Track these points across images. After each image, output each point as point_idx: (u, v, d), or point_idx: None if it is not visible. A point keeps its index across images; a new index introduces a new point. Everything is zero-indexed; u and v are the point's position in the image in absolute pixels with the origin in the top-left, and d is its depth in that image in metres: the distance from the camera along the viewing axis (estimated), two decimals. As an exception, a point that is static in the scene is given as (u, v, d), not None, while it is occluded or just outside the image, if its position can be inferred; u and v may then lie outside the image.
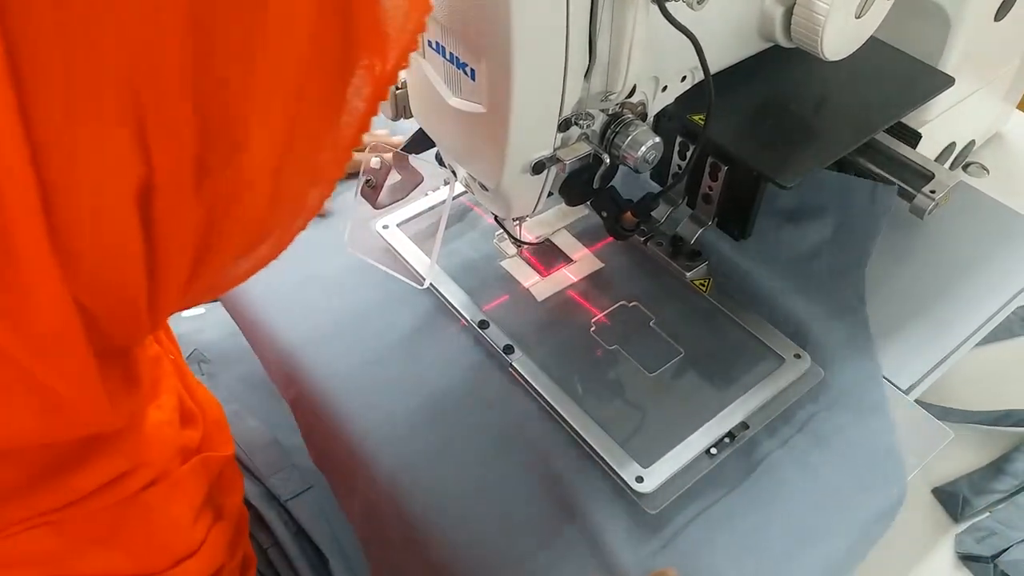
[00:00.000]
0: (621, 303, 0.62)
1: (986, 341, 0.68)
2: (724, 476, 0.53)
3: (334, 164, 0.31)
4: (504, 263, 0.65)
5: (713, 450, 0.53)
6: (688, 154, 0.62)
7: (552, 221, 0.67)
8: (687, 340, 0.60)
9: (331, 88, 0.29)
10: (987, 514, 0.64)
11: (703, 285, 0.63)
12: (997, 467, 0.67)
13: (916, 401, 0.58)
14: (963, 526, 0.63)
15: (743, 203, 0.61)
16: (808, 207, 0.65)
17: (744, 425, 0.54)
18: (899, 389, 0.58)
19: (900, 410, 0.57)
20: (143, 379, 0.36)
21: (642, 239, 0.66)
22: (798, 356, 0.58)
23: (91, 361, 0.28)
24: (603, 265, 0.65)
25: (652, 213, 0.64)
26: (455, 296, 0.62)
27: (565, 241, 0.67)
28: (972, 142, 0.84)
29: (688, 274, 0.63)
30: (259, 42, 0.25)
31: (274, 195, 0.29)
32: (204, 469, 0.46)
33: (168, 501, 0.42)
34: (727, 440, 0.54)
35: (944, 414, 0.69)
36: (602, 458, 0.53)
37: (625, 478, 0.52)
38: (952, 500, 0.65)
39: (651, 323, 0.61)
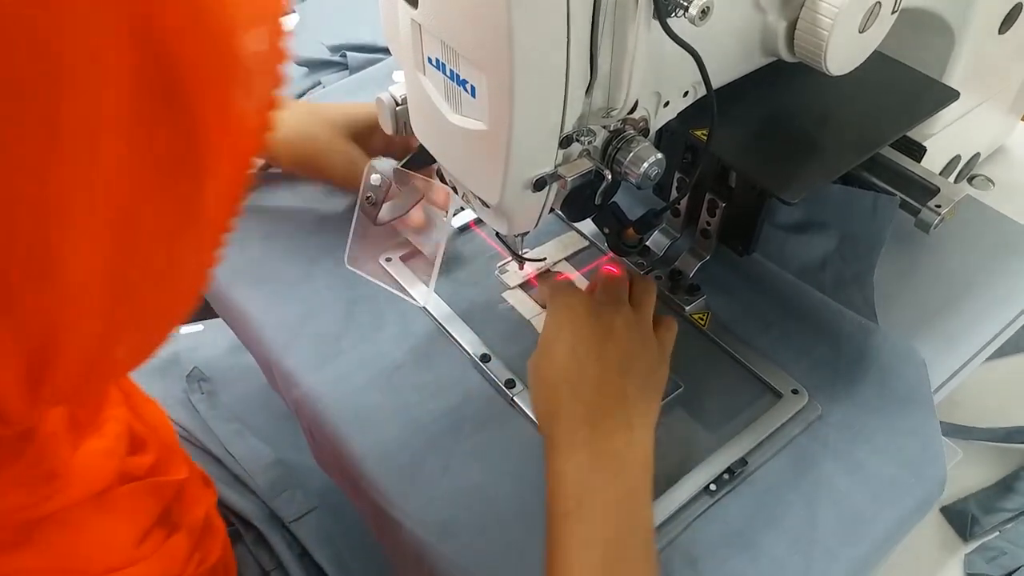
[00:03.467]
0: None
1: (995, 356, 0.67)
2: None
3: (203, 252, 0.29)
4: (506, 294, 0.65)
5: (713, 486, 0.52)
6: (678, 179, 0.62)
7: (552, 252, 0.68)
8: (686, 374, 0.59)
9: (173, 178, 0.27)
10: (996, 533, 0.63)
11: (702, 319, 0.62)
12: (1006, 485, 0.66)
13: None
14: (972, 545, 0.63)
15: (747, 219, 0.60)
16: (810, 220, 0.64)
17: (743, 461, 0.53)
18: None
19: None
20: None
21: (641, 272, 0.65)
22: (795, 391, 0.57)
23: None
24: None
25: (650, 244, 0.63)
26: (456, 327, 0.62)
27: (566, 272, 0.67)
28: (977, 155, 0.83)
29: (687, 308, 0.63)
30: (53, 160, 0.23)
31: (111, 313, 0.27)
32: (152, 493, 0.46)
33: (97, 519, 0.42)
34: (726, 476, 0.53)
35: (952, 431, 0.68)
36: None
37: None
38: (961, 519, 0.64)
39: None
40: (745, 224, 0.61)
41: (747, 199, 0.59)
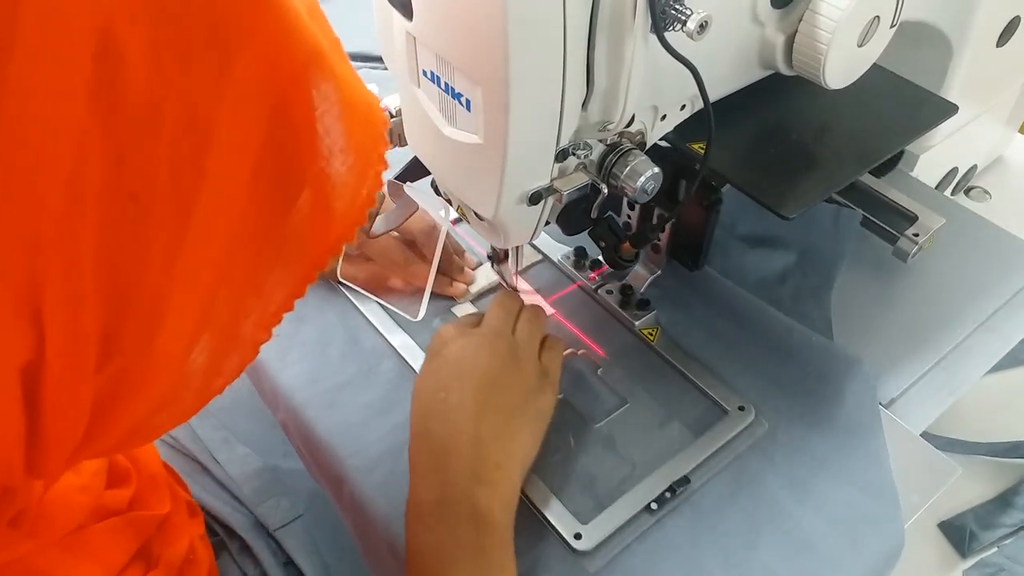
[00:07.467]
0: (569, 350, 0.60)
1: (994, 369, 0.66)
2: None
3: (260, 330, 0.30)
4: (455, 308, 0.64)
5: (654, 505, 0.51)
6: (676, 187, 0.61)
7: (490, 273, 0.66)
8: (633, 390, 0.58)
9: (262, 263, 0.28)
10: (995, 549, 0.63)
11: (651, 334, 0.61)
12: (1005, 500, 0.66)
13: (920, 434, 0.57)
14: (970, 562, 0.62)
15: (695, 233, 0.59)
16: (772, 234, 0.64)
17: (685, 479, 0.52)
18: (901, 423, 0.57)
19: (904, 444, 0.55)
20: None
21: (592, 287, 0.65)
22: (742, 408, 0.56)
23: None
24: (552, 311, 0.64)
25: (602, 259, 0.61)
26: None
27: (520, 286, 0.65)
28: (974, 166, 0.83)
29: (637, 323, 0.62)
30: (186, 226, 0.24)
31: (186, 368, 0.28)
32: (130, 528, 0.43)
33: (63, 561, 0.39)
34: (668, 495, 0.52)
35: (949, 446, 0.67)
36: (540, 512, 0.51)
37: (563, 534, 0.50)
38: (959, 535, 0.63)
39: (598, 371, 0.59)
40: (694, 239, 0.60)
41: (694, 214, 0.58)
